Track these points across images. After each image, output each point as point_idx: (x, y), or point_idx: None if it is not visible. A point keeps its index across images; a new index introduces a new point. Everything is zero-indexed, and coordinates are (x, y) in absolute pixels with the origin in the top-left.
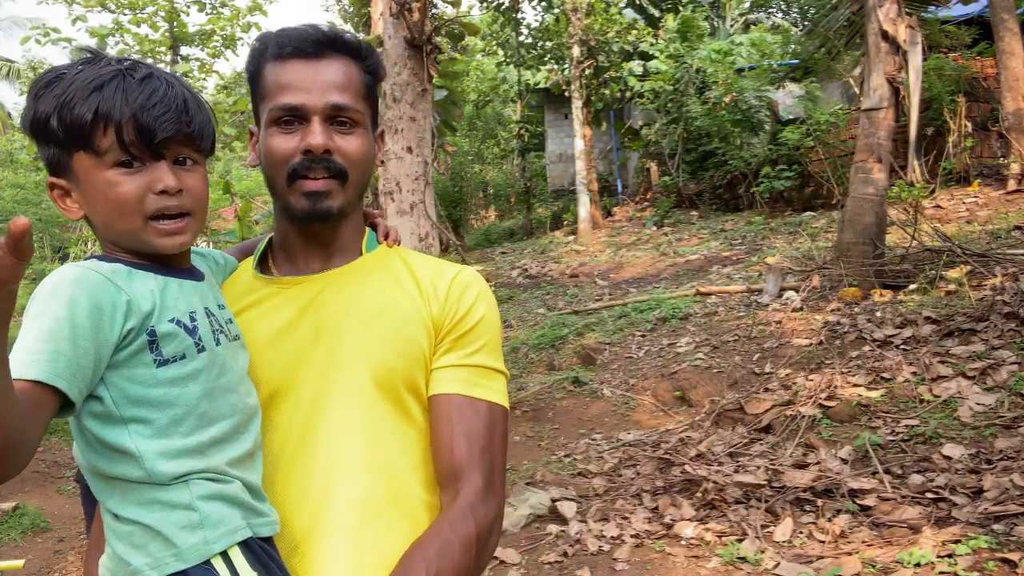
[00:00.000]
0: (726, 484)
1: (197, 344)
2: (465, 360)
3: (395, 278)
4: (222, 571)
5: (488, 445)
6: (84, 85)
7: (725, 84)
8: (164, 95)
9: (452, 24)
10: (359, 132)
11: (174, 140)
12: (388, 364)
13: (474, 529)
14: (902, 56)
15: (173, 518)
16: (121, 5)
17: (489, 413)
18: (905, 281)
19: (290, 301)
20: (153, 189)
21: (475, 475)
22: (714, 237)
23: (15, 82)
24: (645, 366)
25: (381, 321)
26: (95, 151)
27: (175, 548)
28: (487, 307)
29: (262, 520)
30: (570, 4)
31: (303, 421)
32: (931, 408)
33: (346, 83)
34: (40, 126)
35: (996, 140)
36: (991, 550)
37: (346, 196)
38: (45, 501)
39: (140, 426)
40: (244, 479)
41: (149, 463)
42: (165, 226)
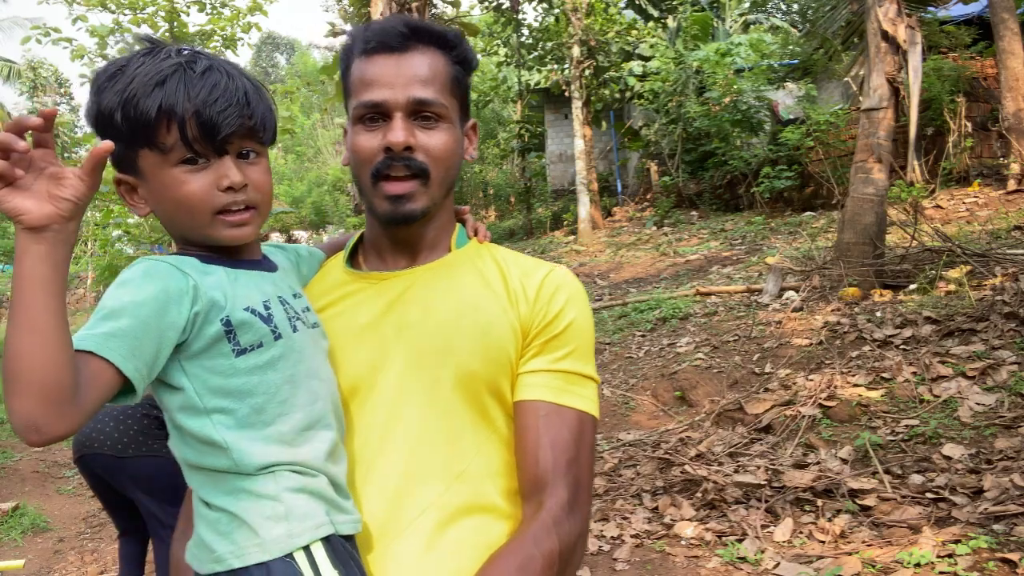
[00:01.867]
0: (726, 484)
1: (273, 332)
2: (553, 365)
3: (483, 277)
4: (303, 566)
5: (575, 457)
6: (147, 80)
7: (724, 85)
8: (225, 88)
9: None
10: (444, 126)
11: (237, 134)
12: (471, 367)
13: (557, 545)
14: (902, 56)
15: (259, 508)
16: (121, 5)
17: (577, 422)
18: (905, 281)
19: (375, 297)
20: (219, 186)
21: (560, 488)
22: (714, 237)
23: (15, 82)
24: (645, 366)
25: (465, 322)
26: (160, 148)
27: (259, 538)
28: (578, 310)
29: (346, 518)
30: (570, 4)
31: (383, 421)
32: (931, 408)
33: (430, 76)
34: (104, 121)
35: (996, 140)
36: (991, 550)
37: (430, 196)
38: (45, 501)
39: (223, 416)
40: (330, 473)
41: (236, 453)
42: (231, 218)
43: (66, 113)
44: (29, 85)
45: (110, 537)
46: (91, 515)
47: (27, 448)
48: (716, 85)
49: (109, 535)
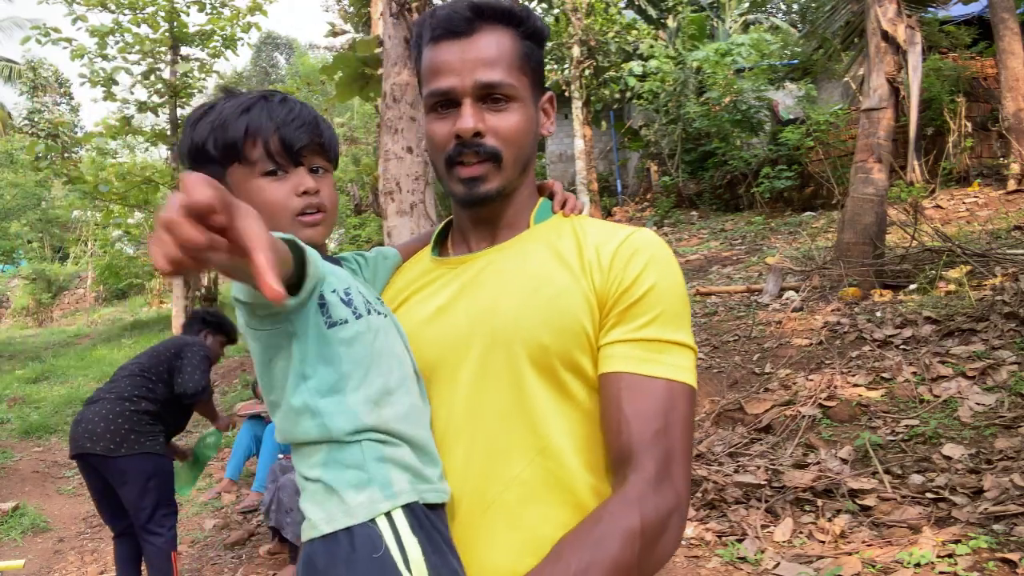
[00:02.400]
0: (726, 484)
1: (355, 312)
2: (634, 334)
3: (555, 250)
4: (385, 532)
5: (664, 428)
6: (234, 109)
7: (724, 85)
8: (299, 113)
9: None
10: (514, 107)
11: (310, 149)
12: (542, 341)
13: (638, 521)
14: (902, 56)
15: (347, 476)
16: (121, 5)
17: (666, 392)
18: (905, 281)
19: (454, 280)
20: (296, 191)
21: (647, 461)
22: (714, 237)
23: (16, 82)
24: None
25: (536, 296)
26: (247, 162)
27: (345, 504)
28: (660, 273)
29: (429, 487)
30: (570, 4)
31: (463, 401)
32: (931, 408)
33: (496, 56)
34: (198, 150)
35: (996, 140)
36: (991, 550)
37: (505, 176)
38: (45, 501)
39: (316, 382)
40: (413, 438)
41: (326, 417)
42: (307, 219)
43: (66, 113)
44: (29, 85)
45: (110, 537)
46: (91, 515)
47: (27, 448)
48: (716, 85)
49: (109, 535)
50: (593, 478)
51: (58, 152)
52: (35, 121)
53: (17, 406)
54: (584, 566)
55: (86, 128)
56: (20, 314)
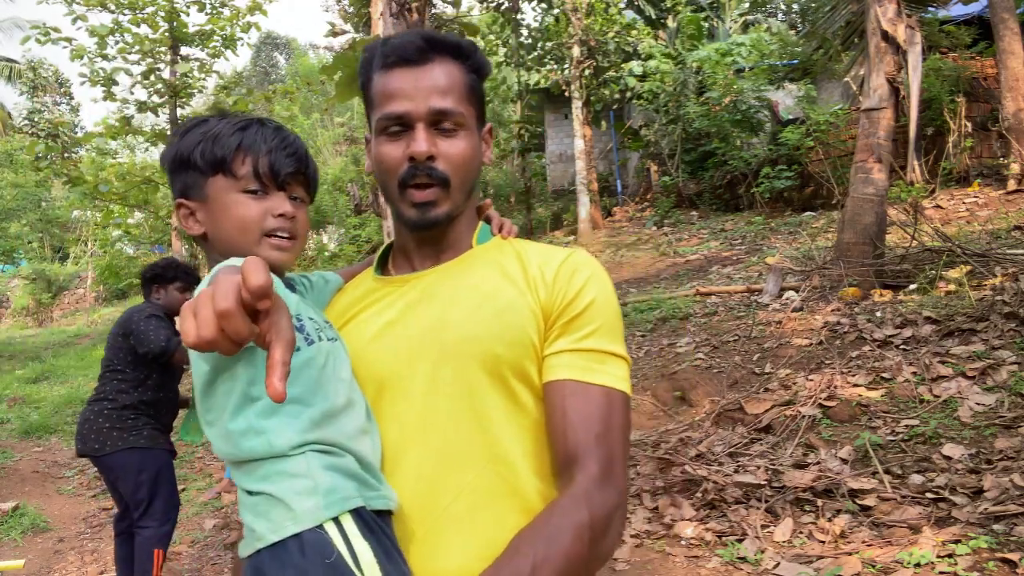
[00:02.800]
0: (726, 484)
1: (307, 338)
2: (577, 345)
3: (501, 268)
4: (334, 536)
5: (605, 432)
6: (230, 125)
7: (724, 85)
8: (292, 142)
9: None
10: (463, 134)
11: (294, 179)
12: (494, 352)
13: (587, 516)
14: (902, 56)
15: (292, 486)
16: (121, 5)
17: (605, 398)
18: (905, 281)
19: (400, 298)
20: (273, 212)
21: (590, 462)
22: (714, 237)
23: (16, 82)
24: (645, 366)
25: (485, 310)
26: (233, 175)
27: (292, 512)
28: (599, 289)
29: (375, 494)
30: (570, 4)
31: (416, 412)
32: (931, 408)
33: (448, 86)
34: (182, 157)
35: (996, 140)
36: (991, 550)
37: (453, 201)
38: (45, 501)
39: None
40: (357, 453)
41: (272, 436)
42: (276, 241)
43: (66, 113)
44: (29, 85)
45: (110, 537)
46: (91, 515)
47: (27, 448)
48: (716, 85)
49: (109, 535)
50: (540, 483)
51: (58, 152)
52: (35, 121)
53: (17, 406)
54: (541, 559)
55: (86, 128)
56: (20, 314)
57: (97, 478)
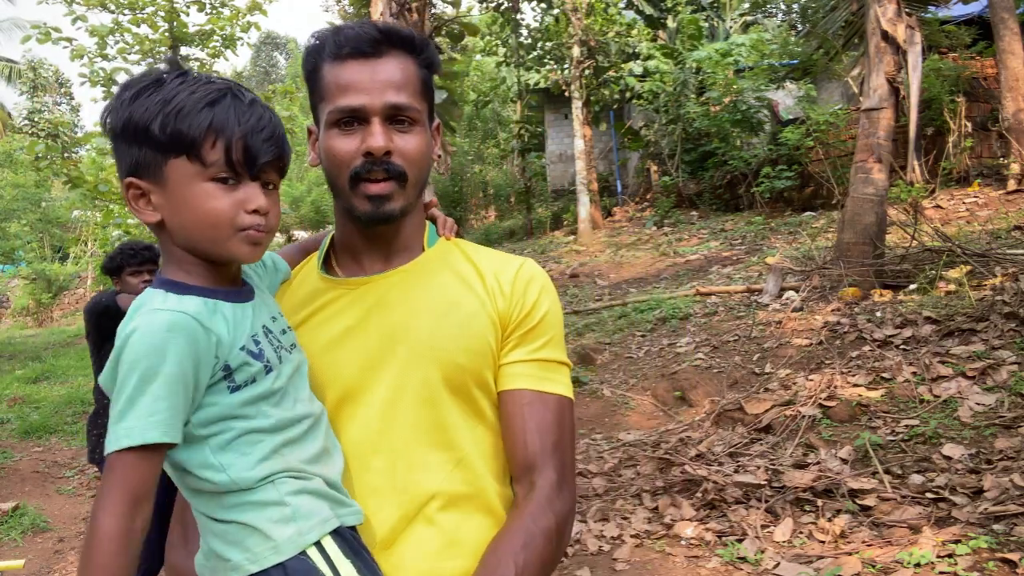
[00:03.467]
0: (726, 484)
1: (265, 367)
2: (533, 355)
3: (458, 274)
4: (318, 561)
5: (559, 439)
6: (197, 98)
7: (724, 85)
8: (269, 121)
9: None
10: (417, 130)
11: (271, 164)
12: (458, 362)
13: (554, 521)
14: (902, 56)
15: (266, 514)
16: (121, 5)
17: (558, 406)
18: (905, 281)
19: (355, 303)
20: (246, 207)
21: (549, 469)
22: (714, 237)
23: (16, 82)
24: (645, 366)
25: (448, 320)
26: (200, 161)
27: (272, 541)
28: (551, 301)
29: (348, 510)
30: (570, 4)
31: (379, 421)
32: (931, 408)
33: (404, 81)
34: (135, 128)
35: (996, 140)
36: (991, 550)
37: (407, 197)
38: (45, 501)
39: (217, 439)
40: (322, 475)
41: (233, 472)
42: (252, 235)
43: (66, 113)
44: (29, 85)
45: None
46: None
47: (27, 448)
48: (716, 85)
49: None
50: (499, 485)
51: (58, 152)
52: (35, 121)
53: (17, 406)
54: (523, 565)
55: (86, 128)
56: (20, 314)
57: (97, 478)
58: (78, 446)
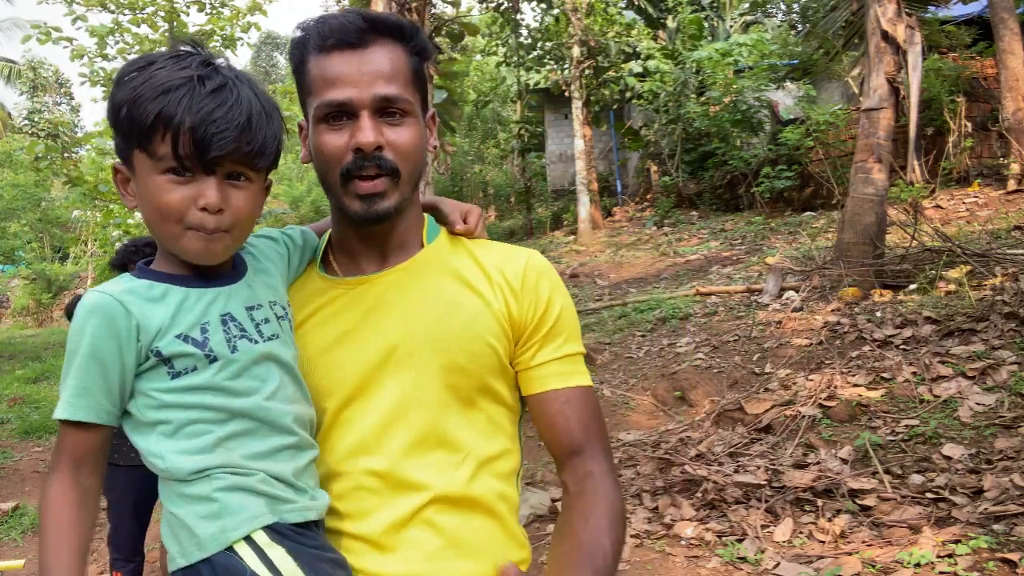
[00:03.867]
0: (726, 484)
1: (208, 355)
2: (558, 353)
3: (459, 274)
4: (246, 555)
5: (599, 429)
6: (156, 85)
7: (724, 85)
8: (230, 109)
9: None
10: (409, 122)
11: (229, 157)
12: (459, 364)
13: (620, 502)
14: (902, 56)
15: (195, 509)
16: (121, 5)
17: (589, 396)
18: (905, 281)
19: (354, 303)
20: (196, 203)
21: (600, 458)
22: (714, 237)
23: (16, 82)
24: (645, 366)
25: (449, 321)
26: (151, 154)
27: (196, 537)
28: (563, 295)
29: (291, 507)
30: (570, 4)
31: (378, 423)
32: (931, 408)
33: (393, 71)
34: (114, 113)
35: (996, 140)
36: (991, 550)
37: (401, 193)
38: None
39: (163, 427)
40: (270, 469)
41: (168, 461)
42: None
43: (66, 113)
44: (29, 85)
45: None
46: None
47: (27, 448)
48: (716, 85)
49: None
50: (498, 483)
51: (58, 152)
52: (35, 121)
53: (17, 406)
54: (614, 541)
55: (86, 128)
56: (20, 314)
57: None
58: None
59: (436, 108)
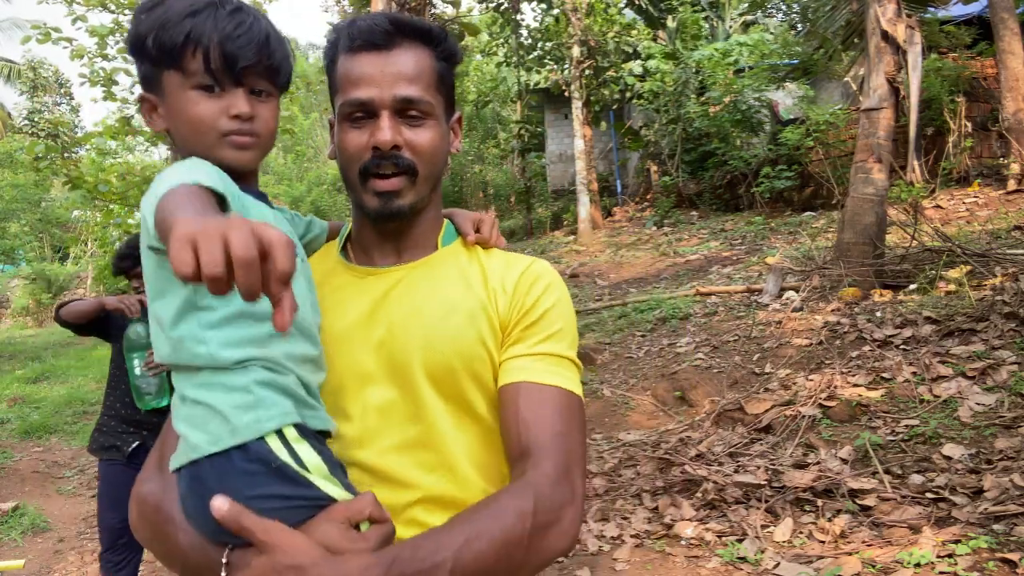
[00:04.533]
0: (726, 484)
1: None
2: (533, 349)
3: (464, 275)
4: (276, 447)
5: (564, 431)
6: (180, 11)
7: (724, 85)
8: (250, 27)
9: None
10: (430, 124)
11: (253, 70)
12: (451, 365)
13: (531, 504)
14: (901, 56)
15: (231, 399)
16: (121, 5)
17: (563, 398)
18: (905, 281)
19: (363, 294)
20: (228, 112)
21: (545, 459)
22: (714, 237)
23: (16, 82)
24: (645, 366)
25: (446, 321)
26: (183, 71)
27: (231, 425)
28: (556, 298)
29: (314, 413)
30: (570, 4)
31: (368, 417)
32: (931, 408)
33: (416, 73)
34: (138, 45)
35: (996, 140)
36: (991, 550)
37: (417, 192)
38: (45, 501)
39: (207, 313)
40: (301, 375)
41: (212, 348)
42: (236, 140)
43: (66, 113)
44: (29, 85)
45: None
46: (91, 515)
47: (27, 448)
48: (716, 85)
49: None
50: (488, 486)
51: (58, 152)
52: (35, 121)
53: (17, 406)
54: (475, 533)
55: (86, 128)
56: (20, 314)
57: (97, 478)
58: (78, 446)
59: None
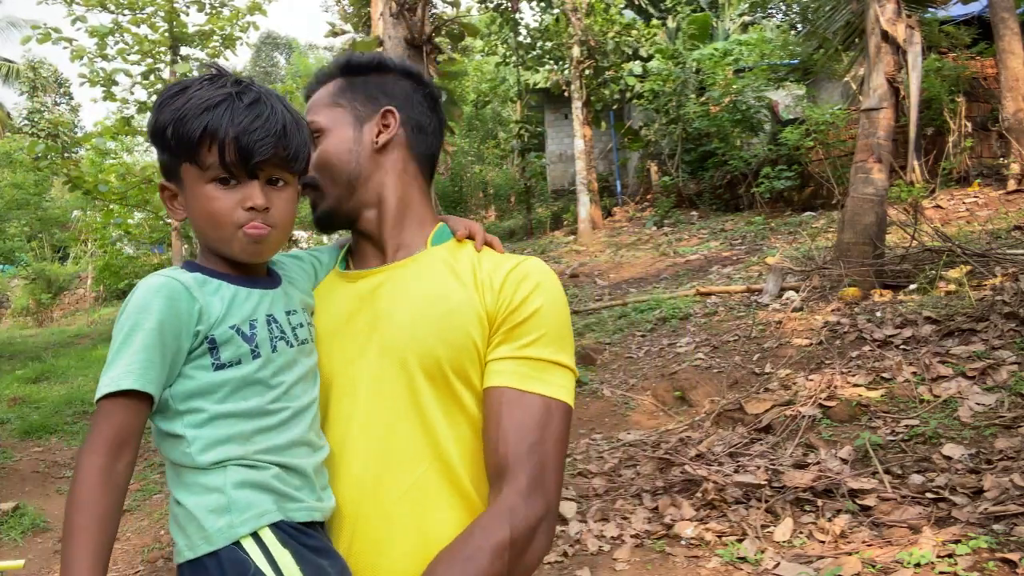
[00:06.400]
0: (726, 484)
1: (253, 351)
2: (518, 352)
3: (453, 270)
4: (252, 552)
5: (539, 441)
6: (198, 104)
7: (724, 85)
8: (267, 120)
9: (452, 24)
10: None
11: (269, 162)
12: (435, 353)
13: (508, 534)
14: (901, 56)
15: (206, 502)
16: (121, 5)
17: (543, 408)
18: (905, 281)
19: (350, 295)
20: (243, 205)
21: (520, 474)
22: (714, 237)
23: (15, 82)
24: (645, 366)
25: (430, 311)
26: (200, 165)
27: (205, 531)
28: (546, 298)
29: (298, 505)
30: (570, 4)
31: (360, 412)
32: (931, 408)
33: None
34: (159, 135)
35: (996, 140)
36: (991, 550)
37: (329, 197)
38: (45, 501)
39: (193, 416)
40: (285, 464)
41: (192, 447)
42: (252, 232)
43: (66, 113)
44: (29, 85)
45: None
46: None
47: (27, 448)
48: (716, 85)
49: None
50: (480, 485)
51: (58, 152)
52: (35, 121)
53: (17, 406)
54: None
55: (86, 128)
56: (20, 314)
57: None
58: (78, 446)
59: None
